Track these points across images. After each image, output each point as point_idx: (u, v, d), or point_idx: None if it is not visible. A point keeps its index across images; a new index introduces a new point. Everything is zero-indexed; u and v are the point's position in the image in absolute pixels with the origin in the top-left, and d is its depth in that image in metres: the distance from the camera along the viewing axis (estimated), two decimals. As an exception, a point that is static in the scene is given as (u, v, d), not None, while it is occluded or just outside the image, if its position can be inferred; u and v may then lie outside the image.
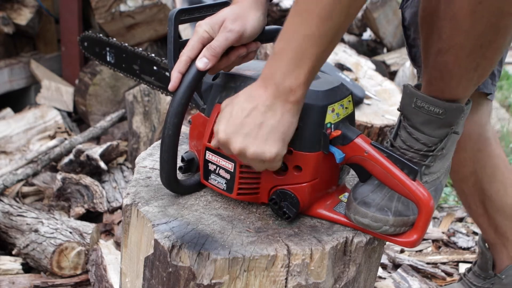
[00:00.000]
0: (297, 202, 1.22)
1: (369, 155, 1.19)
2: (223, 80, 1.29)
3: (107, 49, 1.68)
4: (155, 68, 1.57)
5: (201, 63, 1.21)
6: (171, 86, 1.22)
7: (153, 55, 1.58)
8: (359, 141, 1.20)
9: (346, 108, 1.24)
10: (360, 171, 1.24)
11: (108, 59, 1.70)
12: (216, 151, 1.25)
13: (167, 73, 1.54)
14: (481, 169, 1.74)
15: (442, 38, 1.20)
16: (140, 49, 1.62)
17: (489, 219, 1.82)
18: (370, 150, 1.19)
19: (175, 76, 1.22)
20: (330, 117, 1.20)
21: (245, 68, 1.30)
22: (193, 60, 1.22)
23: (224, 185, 1.26)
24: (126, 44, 1.64)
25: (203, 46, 1.23)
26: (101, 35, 1.72)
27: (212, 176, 1.28)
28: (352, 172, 1.37)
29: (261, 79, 1.13)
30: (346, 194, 1.31)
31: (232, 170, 1.23)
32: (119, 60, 1.67)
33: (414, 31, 1.58)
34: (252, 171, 1.23)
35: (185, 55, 1.23)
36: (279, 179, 1.23)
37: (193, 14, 1.29)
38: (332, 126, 1.20)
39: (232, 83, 1.26)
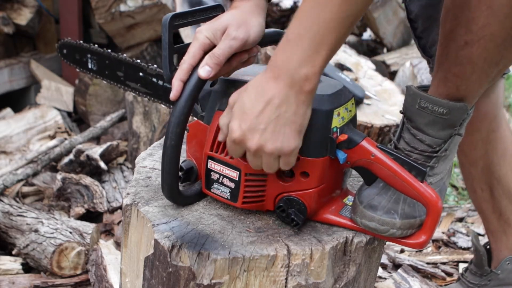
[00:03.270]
0: (305, 209, 1.20)
1: (376, 158, 1.18)
2: (222, 86, 1.26)
3: (88, 56, 1.63)
4: (141, 74, 1.52)
5: (204, 71, 1.18)
6: (173, 95, 1.18)
7: (138, 61, 1.54)
8: (365, 144, 1.19)
9: (350, 111, 1.23)
10: (366, 174, 1.22)
11: (89, 66, 1.64)
12: (219, 160, 1.22)
13: (154, 79, 1.49)
14: (492, 150, 1.73)
15: (472, 30, 1.19)
16: (125, 55, 1.57)
17: (494, 205, 1.81)
18: (377, 153, 1.18)
19: (176, 84, 1.18)
20: (336, 121, 1.18)
21: (244, 73, 1.28)
22: (194, 68, 1.19)
23: (228, 194, 1.24)
24: (109, 51, 1.59)
25: (204, 52, 1.20)
26: (81, 41, 1.66)
27: (215, 185, 1.25)
28: (352, 172, 1.37)
29: (271, 69, 1.10)
30: (350, 197, 1.30)
31: (237, 179, 1.21)
32: (102, 67, 1.61)
33: (423, 23, 1.59)
34: (258, 178, 1.21)
35: (186, 62, 1.20)
36: (285, 185, 1.21)
37: (186, 19, 1.26)
38: (338, 130, 1.19)
39: (233, 89, 1.22)
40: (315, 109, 1.15)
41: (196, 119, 1.30)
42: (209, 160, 1.24)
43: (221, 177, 1.23)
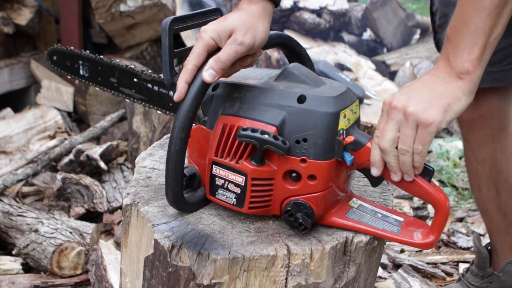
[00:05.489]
0: (312, 212, 1.19)
1: None
2: (225, 90, 1.24)
3: (80, 62, 1.59)
4: (135, 80, 1.49)
5: (209, 75, 1.16)
6: (178, 96, 1.17)
7: (132, 66, 1.51)
8: (371, 145, 1.18)
9: (355, 112, 1.22)
10: (372, 176, 1.21)
11: (81, 73, 1.60)
12: (224, 165, 1.20)
13: (149, 85, 1.47)
14: (501, 149, 1.74)
15: None
16: (117, 60, 1.55)
17: (499, 204, 1.80)
18: None
19: (181, 86, 1.17)
20: (342, 123, 1.17)
21: (245, 76, 1.27)
22: (198, 68, 1.18)
23: (234, 199, 1.21)
24: (102, 56, 1.55)
25: (208, 53, 1.19)
26: (72, 47, 1.62)
27: (220, 191, 1.23)
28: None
29: (436, 64, 1.17)
30: (355, 199, 1.29)
31: (243, 184, 1.19)
32: (94, 73, 1.57)
33: (440, 18, 1.62)
34: (265, 183, 1.19)
35: (190, 63, 1.18)
36: (292, 189, 1.19)
37: (186, 23, 1.24)
38: (344, 132, 1.18)
39: (237, 93, 1.22)
40: (322, 111, 1.15)
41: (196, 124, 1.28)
42: (213, 166, 1.22)
43: (226, 182, 1.21)
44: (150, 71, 1.48)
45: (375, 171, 1.18)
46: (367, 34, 4.72)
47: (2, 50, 3.67)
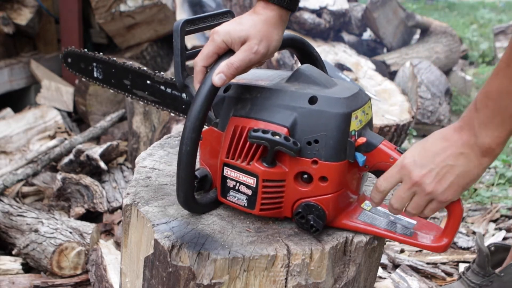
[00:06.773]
0: (324, 214, 1.18)
1: (395, 161, 1.16)
2: (236, 92, 1.24)
3: (94, 64, 1.60)
4: (148, 82, 1.50)
5: (219, 79, 1.17)
6: None
7: (145, 68, 1.51)
8: (383, 147, 1.17)
9: (367, 114, 1.21)
10: None
11: (95, 75, 1.61)
12: (235, 166, 1.20)
13: (162, 87, 1.48)
14: None
15: None
16: (131, 63, 1.55)
17: None
18: (396, 156, 1.16)
19: (197, 88, 1.19)
20: (354, 124, 1.17)
21: (257, 77, 1.27)
22: (208, 70, 1.18)
23: (245, 201, 1.21)
24: (115, 59, 1.56)
25: (218, 56, 1.19)
26: (85, 50, 1.63)
27: (231, 192, 1.22)
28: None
29: (459, 124, 1.11)
30: (367, 202, 1.28)
31: (254, 185, 1.18)
32: (108, 75, 1.58)
33: None
34: (276, 185, 1.19)
35: (199, 65, 1.20)
36: (304, 191, 1.19)
37: (198, 25, 1.25)
38: (356, 133, 1.17)
39: (248, 95, 1.22)
40: (333, 112, 1.14)
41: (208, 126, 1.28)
42: (225, 167, 1.21)
43: (238, 184, 1.21)
44: (162, 73, 1.48)
45: (372, 204, 1.21)
46: (367, 34, 4.72)
47: (2, 50, 3.67)
